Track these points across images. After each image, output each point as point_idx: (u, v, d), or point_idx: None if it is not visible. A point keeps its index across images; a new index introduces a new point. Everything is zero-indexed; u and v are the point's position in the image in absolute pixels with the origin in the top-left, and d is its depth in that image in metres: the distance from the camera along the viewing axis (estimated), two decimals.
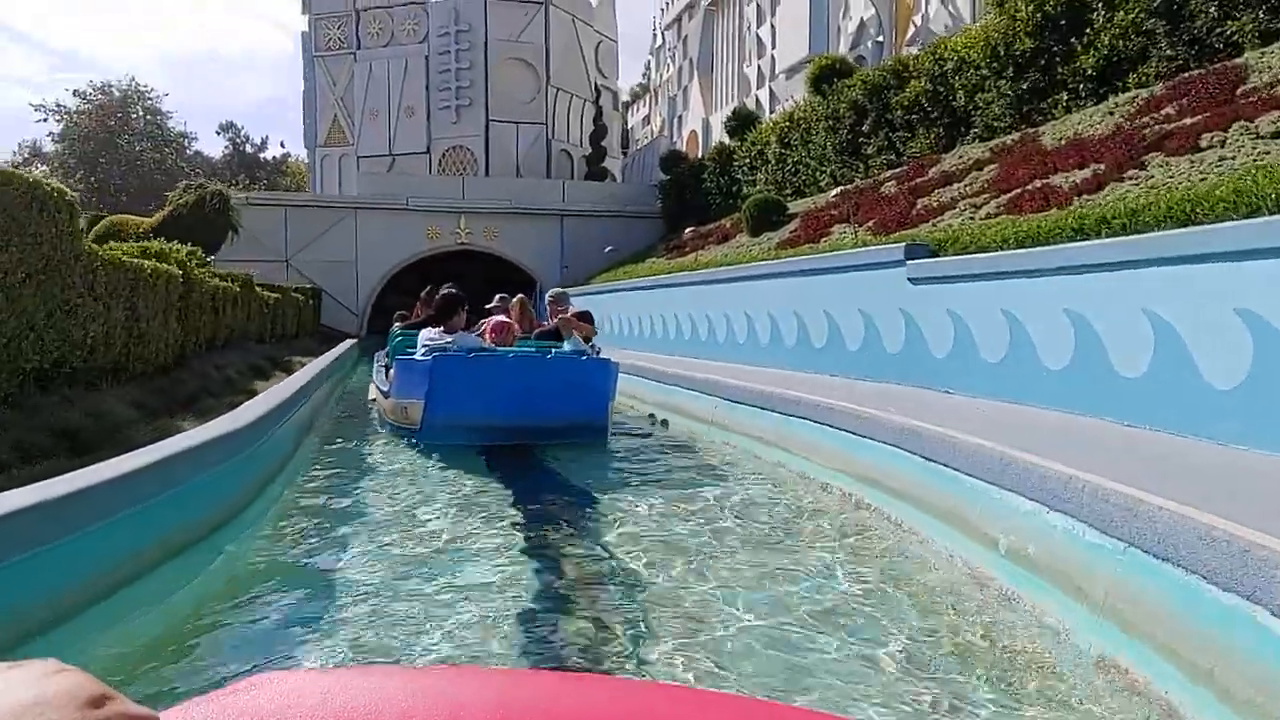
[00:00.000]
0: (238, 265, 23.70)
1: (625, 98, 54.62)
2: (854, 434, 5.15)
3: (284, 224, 24.63)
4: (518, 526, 4.35)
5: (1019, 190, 8.51)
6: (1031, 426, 4.59)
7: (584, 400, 6.37)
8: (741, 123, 21.48)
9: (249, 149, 59.81)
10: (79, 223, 5.68)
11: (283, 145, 53.29)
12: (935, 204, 10.13)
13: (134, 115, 50.70)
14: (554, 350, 6.82)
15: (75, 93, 49.99)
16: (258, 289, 13.99)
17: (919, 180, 11.78)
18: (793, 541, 4.11)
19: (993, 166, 10.34)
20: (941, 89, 13.12)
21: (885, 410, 5.09)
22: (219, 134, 59.48)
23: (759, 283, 9.81)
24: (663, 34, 45.09)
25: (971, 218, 8.63)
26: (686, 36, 38.82)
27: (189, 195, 18.25)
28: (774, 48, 29.62)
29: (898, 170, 13.34)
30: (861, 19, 23.68)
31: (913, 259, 6.86)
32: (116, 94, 50.04)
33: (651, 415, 8.99)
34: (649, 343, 13.92)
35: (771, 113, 25.16)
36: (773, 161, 18.71)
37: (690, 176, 23.78)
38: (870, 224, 11.04)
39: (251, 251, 24.10)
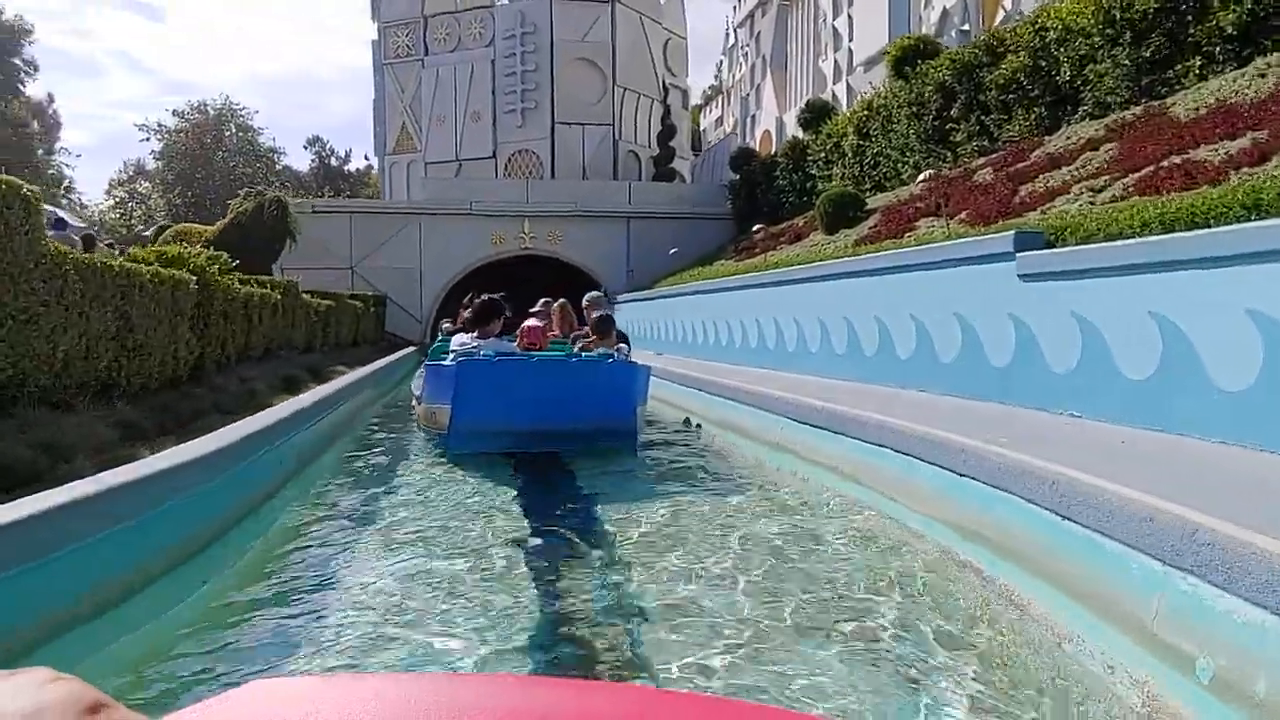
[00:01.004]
0: (303, 273, 23.65)
1: (697, 100, 53.78)
2: (956, 473, 3.97)
3: (349, 231, 24.45)
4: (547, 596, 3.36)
5: (1150, 169, 7.11)
6: (1225, 473, 3.34)
7: (609, 404, 6.23)
8: (816, 115, 20.17)
9: (334, 162, 61.44)
10: (39, 219, 4.96)
11: (366, 157, 54.96)
12: (1042, 189, 8.75)
13: (227, 132, 52.68)
14: (581, 355, 6.68)
15: (174, 112, 52.48)
16: (306, 296, 13.47)
17: (1019, 165, 10.36)
18: (874, 618, 2.98)
19: (1110, 145, 8.89)
20: (1044, 63, 11.62)
21: (995, 442, 3.89)
22: (306, 148, 61.52)
23: (833, 283, 8.61)
24: (735, 32, 43.91)
25: (1091, 202, 7.26)
26: (759, 33, 37.46)
27: (248, 203, 18.04)
28: (851, 40, 28.09)
29: (992, 156, 11.90)
30: (944, 6, 22.01)
31: (1025, 250, 5.60)
32: (211, 112, 52.12)
33: (687, 419, 8.61)
34: (712, 350, 12.81)
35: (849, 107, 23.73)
36: (850, 154, 17.35)
37: (761, 174, 22.56)
38: (963, 215, 9.69)
39: (318, 259, 24.03)
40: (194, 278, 7.58)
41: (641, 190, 26.88)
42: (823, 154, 18.83)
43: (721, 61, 53.19)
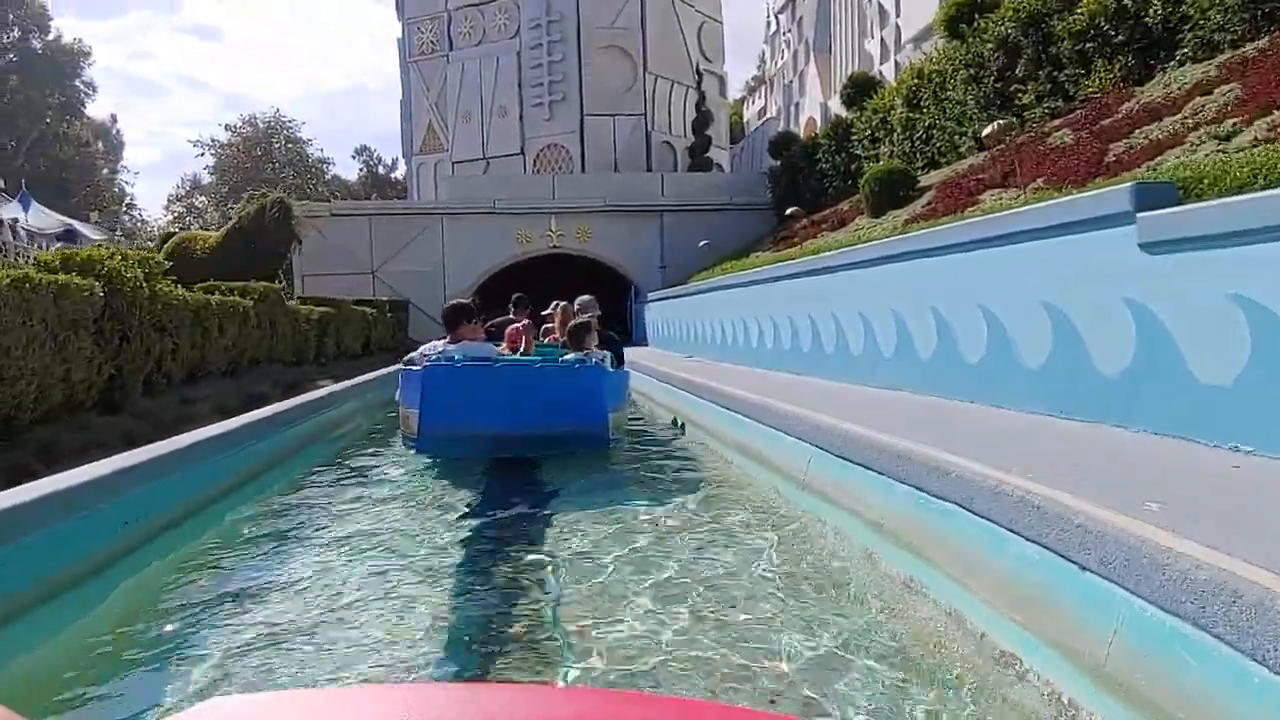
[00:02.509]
0: (325, 280, 22.68)
1: (740, 92, 52.17)
2: (1076, 564, 2.35)
3: (369, 234, 23.40)
4: None
5: None
6: None
7: (578, 408, 6.14)
8: (860, 89, 18.35)
9: (381, 170, 61.47)
10: None
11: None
12: (1142, 144, 6.97)
13: (276, 145, 53.26)
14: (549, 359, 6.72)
15: (226, 126, 53.45)
16: (293, 303, 12.26)
17: (1106, 121, 8.54)
18: None
19: (1228, 87, 7.08)
20: (1128, 3, 9.74)
21: (1146, 511, 2.26)
22: (354, 158, 62.07)
23: (879, 269, 6.95)
24: (775, 18, 42.10)
25: (1221, 151, 5.49)
26: (801, 18, 35.54)
27: (251, 206, 17.00)
28: (898, 15, 26.13)
29: (1069, 116, 10.05)
30: None
31: (1150, 208, 3.90)
32: (261, 125, 52.71)
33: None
34: (741, 353, 11.19)
35: None
36: (898, 130, 15.53)
37: (803, 158, 20.80)
38: (1039, 182, 7.94)
39: (339, 264, 23.08)
40: (95, 283, 6.28)
41: (675, 182, 25.28)
42: (868, 132, 17.03)
43: (763, 51, 51.45)
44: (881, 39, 28.18)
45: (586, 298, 8.04)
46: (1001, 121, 7.71)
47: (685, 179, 25.90)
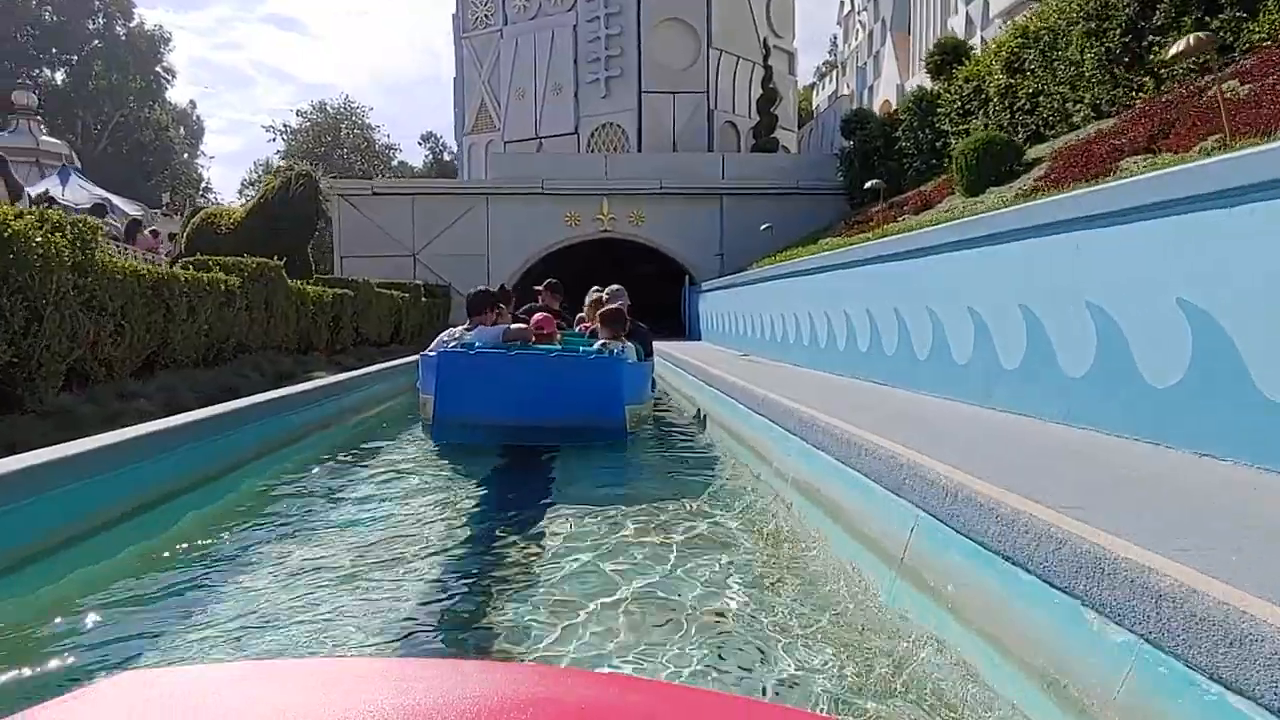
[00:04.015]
0: (364, 262, 21.55)
1: (810, 79, 50.10)
2: None
3: (411, 215, 22.19)
4: None
5: None
6: None
7: (593, 399, 5.99)
8: (948, 57, 16.27)
9: (446, 157, 61.40)
10: None
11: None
12: None
13: (344, 132, 54.01)
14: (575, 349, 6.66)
15: (298, 112, 54.57)
16: (297, 283, 10.93)
17: None
18: None
19: None
20: None
21: None
22: (420, 144, 62.96)
23: (1003, 248, 5.12)
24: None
25: None
26: None
27: (276, 180, 15.84)
28: None
29: (1236, 66, 8.00)
30: None
31: None
32: (331, 111, 53.44)
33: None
34: (805, 353, 9.41)
35: None
36: (995, 99, 13.47)
37: (880, 136, 18.78)
38: (1209, 143, 6.00)
39: (380, 246, 21.99)
40: None
41: (736, 163, 23.43)
42: (957, 103, 14.97)
43: (835, 35, 49.10)
44: (967, 14, 25.95)
45: (615, 287, 7.83)
46: (1202, 35, 5.76)
47: (748, 160, 24.03)
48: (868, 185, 11.80)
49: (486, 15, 28.96)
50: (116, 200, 22.32)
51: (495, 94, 29.04)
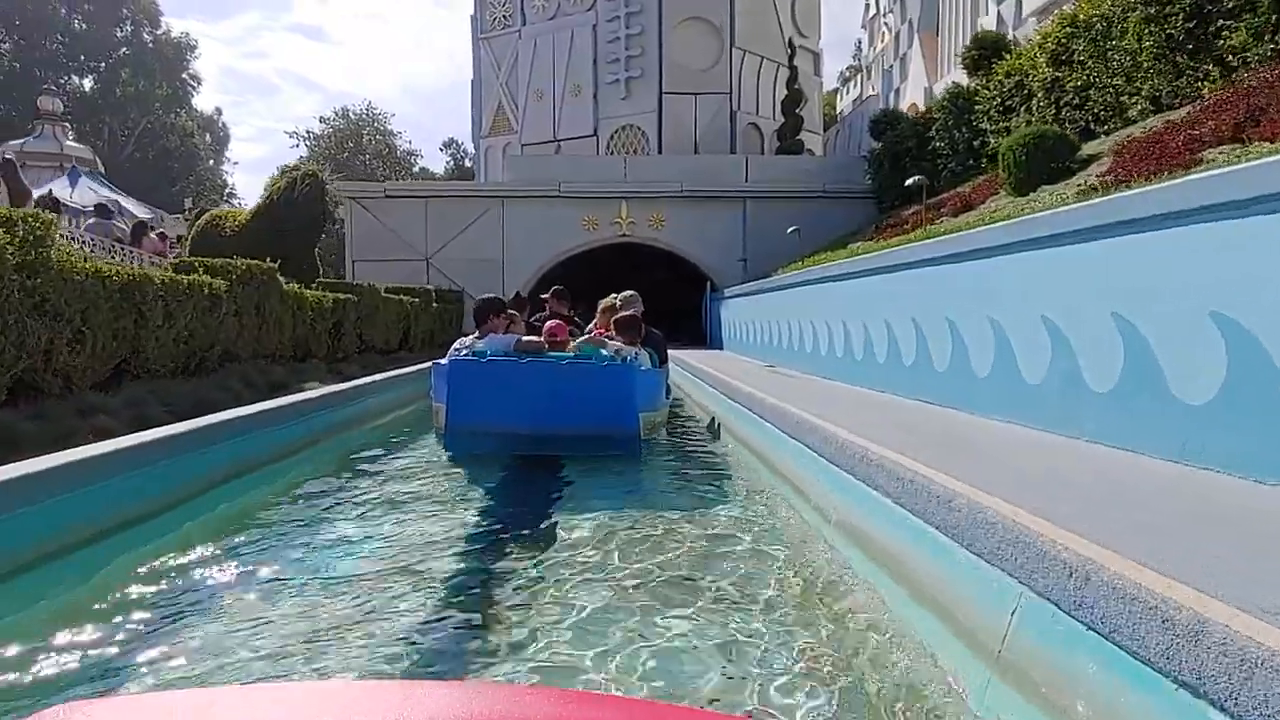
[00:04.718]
0: (377, 266, 20.99)
1: (834, 84, 49.28)
2: None
3: (424, 219, 21.59)
4: None
5: None
6: None
7: (606, 408, 5.87)
8: (987, 52, 15.40)
9: (467, 163, 61.24)
10: None
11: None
12: None
13: (366, 138, 54.06)
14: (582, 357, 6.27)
15: (320, 119, 54.63)
16: (293, 287, 10.27)
17: None
18: None
19: None
20: None
21: None
22: (441, 150, 63.00)
23: (1076, 249, 4.31)
24: (875, 1, 38.85)
25: None
26: None
27: (281, 181, 15.26)
28: None
29: None
30: None
31: None
32: (353, 118, 53.49)
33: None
34: (837, 366, 8.59)
35: None
36: (1040, 94, 12.61)
37: (912, 136, 17.93)
38: None
39: (392, 251, 21.41)
40: None
41: (760, 165, 22.63)
42: (997, 99, 14.11)
43: (860, 40, 48.29)
44: (999, 14, 25.04)
45: (629, 293, 7.67)
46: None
47: (772, 163, 23.22)
48: (909, 182, 10.98)
49: (505, 16, 28.40)
50: (126, 202, 21.90)
51: (513, 96, 28.46)
